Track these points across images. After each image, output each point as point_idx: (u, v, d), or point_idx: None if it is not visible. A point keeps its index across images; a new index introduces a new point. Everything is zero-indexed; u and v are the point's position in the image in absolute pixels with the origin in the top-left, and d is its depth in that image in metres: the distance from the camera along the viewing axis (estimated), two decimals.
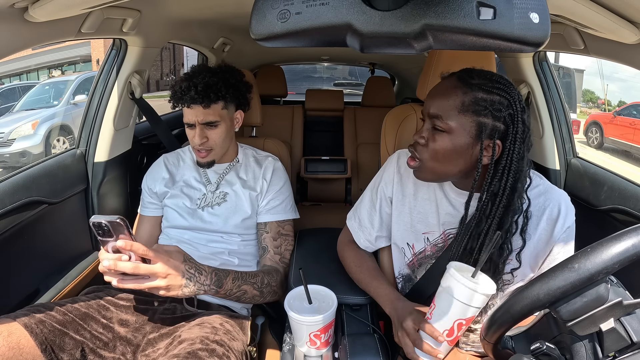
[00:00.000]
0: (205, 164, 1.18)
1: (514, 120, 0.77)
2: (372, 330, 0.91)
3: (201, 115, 1.12)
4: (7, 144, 5.02)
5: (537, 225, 0.86)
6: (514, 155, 0.78)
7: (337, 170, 2.27)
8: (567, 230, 0.85)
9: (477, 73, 0.81)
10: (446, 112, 0.79)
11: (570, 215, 0.85)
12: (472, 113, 0.78)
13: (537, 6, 0.48)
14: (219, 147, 1.17)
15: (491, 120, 0.77)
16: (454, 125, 0.79)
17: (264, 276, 1.07)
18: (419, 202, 0.95)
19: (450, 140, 0.80)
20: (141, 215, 1.26)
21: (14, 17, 0.82)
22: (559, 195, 0.86)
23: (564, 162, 1.45)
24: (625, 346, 0.53)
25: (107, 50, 1.42)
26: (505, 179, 0.79)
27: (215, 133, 1.15)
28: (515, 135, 0.77)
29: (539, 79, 1.41)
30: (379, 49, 0.54)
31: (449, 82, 0.82)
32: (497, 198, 0.80)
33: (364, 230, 1.05)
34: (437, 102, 0.81)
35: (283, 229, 1.20)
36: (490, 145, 0.79)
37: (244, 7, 1.30)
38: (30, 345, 0.81)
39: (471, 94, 0.78)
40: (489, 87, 0.78)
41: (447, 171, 0.83)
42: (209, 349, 0.84)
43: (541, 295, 0.55)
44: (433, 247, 0.94)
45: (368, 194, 1.05)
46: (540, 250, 0.87)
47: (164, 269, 0.85)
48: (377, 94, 2.73)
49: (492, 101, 0.77)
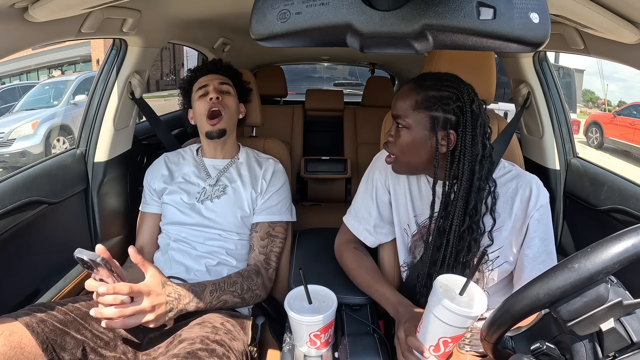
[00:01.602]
0: (216, 132, 1.19)
1: (462, 111, 0.87)
2: (372, 330, 0.92)
3: (217, 79, 1.24)
4: (7, 144, 5.02)
5: (512, 207, 0.93)
6: (466, 141, 0.87)
7: (337, 170, 2.27)
8: (541, 209, 0.91)
9: (430, 76, 0.92)
10: (404, 111, 0.90)
11: (543, 196, 0.92)
12: (424, 109, 0.88)
13: (537, 6, 0.48)
14: (229, 116, 1.22)
15: (442, 113, 0.87)
16: (411, 121, 0.90)
17: (243, 282, 1.06)
18: (411, 187, 1.02)
19: (410, 135, 0.90)
20: (142, 213, 1.27)
21: (14, 17, 0.82)
22: (530, 179, 0.95)
23: (564, 162, 1.45)
24: (625, 346, 0.53)
25: (107, 50, 1.42)
26: (462, 163, 0.87)
27: (229, 99, 1.23)
28: (465, 124, 0.86)
29: (539, 79, 1.41)
30: (379, 49, 0.54)
31: (407, 86, 0.93)
32: (457, 181, 0.89)
33: (361, 221, 1.06)
34: (398, 103, 0.92)
35: (273, 230, 1.20)
36: (445, 135, 0.88)
37: (244, 7, 1.30)
38: (31, 345, 0.81)
39: (423, 93, 0.89)
40: (439, 85, 0.88)
41: (416, 162, 0.93)
42: (209, 349, 0.84)
43: (541, 295, 0.55)
44: (422, 228, 1.00)
45: (362, 186, 1.09)
46: (517, 230, 0.93)
47: (149, 304, 0.87)
48: (377, 94, 2.73)
49: (441, 97, 0.87)
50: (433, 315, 0.74)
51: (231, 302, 1.03)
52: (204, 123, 1.20)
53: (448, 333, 0.74)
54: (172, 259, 1.14)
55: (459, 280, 0.76)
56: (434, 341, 0.75)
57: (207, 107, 1.18)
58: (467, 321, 0.72)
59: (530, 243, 0.92)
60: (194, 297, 0.96)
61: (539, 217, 0.91)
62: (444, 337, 0.74)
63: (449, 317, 0.72)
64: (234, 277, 1.07)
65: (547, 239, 0.92)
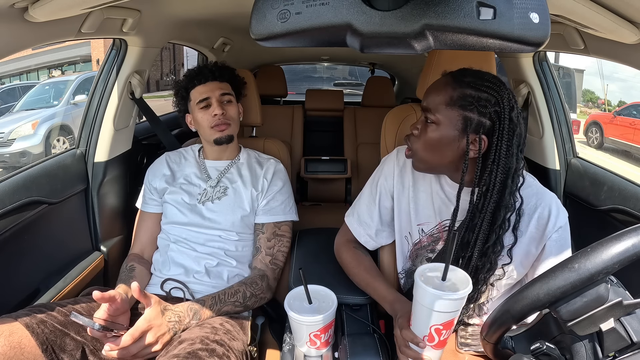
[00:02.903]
0: (225, 137, 1.20)
1: (500, 117, 0.81)
2: (372, 330, 0.92)
3: (217, 89, 1.20)
4: (7, 144, 5.02)
5: (528, 224, 0.89)
6: (501, 151, 0.81)
7: (337, 170, 2.27)
8: (560, 230, 0.87)
9: (471, 72, 0.85)
10: (436, 105, 0.85)
11: (562, 217, 0.88)
12: (458, 107, 0.82)
13: (537, 6, 0.48)
14: (235, 123, 1.22)
15: (477, 115, 0.81)
16: (442, 117, 0.84)
17: (245, 290, 1.07)
18: (417, 194, 0.98)
19: (438, 131, 0.85)
20: (142, 212, 1.26)
21: (14, 17, 0.82)
22: (550, 198, 0.90)
23: (564, 162, 1.45)
24: (625, 346, 0.53)
25: (107, 50, 1.42)
26: (495, 174, 0.82)
27: (231, 108, 1.23)
28: (502, 132, 0.81)
29: (539, 79, 1.41)
30: (379, 49, 0.54)
31: (444, 79, 0.87)
32: (488, 193, 0.83)
33: (364, 226, 1.05)
34: (430, 96, 0.86)
35: (279, 230, 1.20)
36: (477, 139, 0.82)
37: (244, 7, 1.30)
38: (31, 345, 0.82)
39: (460, 90, 0.82)
40: (478, 84, 0.82)
41: (437, 161, 0.88)
42: (209, 349, 0.84)
43: (541, 295, 0.55)
44: (429, 237, 0.97)
45: (367, 189, 1.07)
46: (530, 249, 0.89)
47: (153, 338, 0.89)
48: (377, 94, 2.73)
49: (479, 97, 0.81)
50: (419, 304, 0.73)
51: (233, 311, 1.04)
52: (208, 132, 1.20)
53: (438, 320, 0.73)
54: (172, 260, 1.14)
55: (439, 267, 0.76)
56: (426, 331, 0.75)
57: (212, 120, 1.18)
58: (452, 304, 0.71)
59: (546, 265, 0.87)
60: (194, 314, 0.97)
61: (557, 238, 0.87)
62: (435, 324, 0.74)
63: (434, 303, 0.71)
64: (236, 287, 1.07)
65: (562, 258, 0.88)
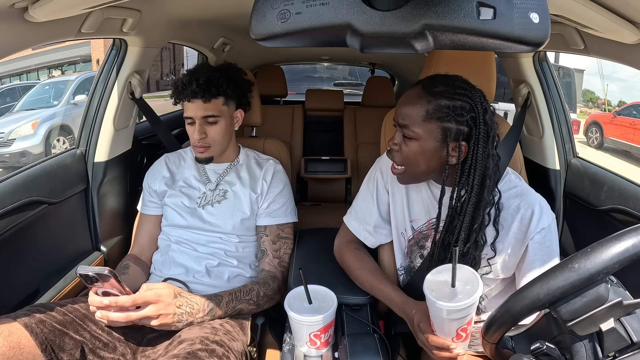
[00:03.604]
0: (203, 159, 1.18)
1: (476, 123, 0.82)
2: (372, 330, 0.91)
3: (201, 110, 1.13)
4: (7, 144, 5.02)
5: (511, 224, 0.89)
6: (478, 154, 0.83)
7: (337, 170, 2.27)
8: (542, 232, 0.87)
9: (440, 80, 0.86)
10: (413, 121, 0.85)
11: (545, 218, 0.87)
12: (436, 120, 0.83)
13: (537, 6, 0.48)
14: (218, 144, 1.17)
15: (455, 124, 0.83)
16: (421, 132, 0.85)
17: (259, 289, 1.07)
18: (409, 191, 1.00)
19: (419, 145, 0.86)
20: (142, 214, 1.26)
21: (14, 17, 0.82)
22: (533, 199, 0.90)
23: (564, 162, 1.44)
24: (625, 346, 0.53)
25: (107, 50, 1.42)
26: (473, 177, 0.83)
27: (215, 130, 1.16)
28: (478, 136, 0.83)
29: (539, 79, 1.41)
30: (379, 49, 0.54)
31: (414, 91, 0.87)
32: (466, 195, 0.85)
33: (362, 221, 1.06)
34: (405, 111, 0.86)
35: (283, 232, 1.20)
36: (457, 146, 0.84)
37: (244, 7, 1.29)
38: (30, 345, 0.81)
39: (435, 102, 0.83)
40: (451, 93, 0.83)
41: (422, 172, 0.90)
42: (208, 349, 0.84)
43: (541, 295, 0.55)
44: (418, 234, 0.99)
45: (364, 187, 1.08)
46: (515, 249, 0.90)
47: (155, 312, 0.89)
48: (377, 94, 2.73)
49: (455, 107, 0.82)
50: (439, 317, 0.75)
51: (247, 310, 1.04)
52: (192, 146, 1.19)
53: (462, 323, 0.75)
54: (172, 260, 1.14)
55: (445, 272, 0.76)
56: (453, 333, 0.77)
57: (194, 138, 1.15)
58: (469, 308, 0.73)
59: (531, 266, 0.87)
60: (209, 310, 0.97)
61: (540, 240, 0.87)
62: (457, 327, 0.76)
63: (452, 314, 0.73)
64: (250, 285, 1.07)
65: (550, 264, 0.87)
